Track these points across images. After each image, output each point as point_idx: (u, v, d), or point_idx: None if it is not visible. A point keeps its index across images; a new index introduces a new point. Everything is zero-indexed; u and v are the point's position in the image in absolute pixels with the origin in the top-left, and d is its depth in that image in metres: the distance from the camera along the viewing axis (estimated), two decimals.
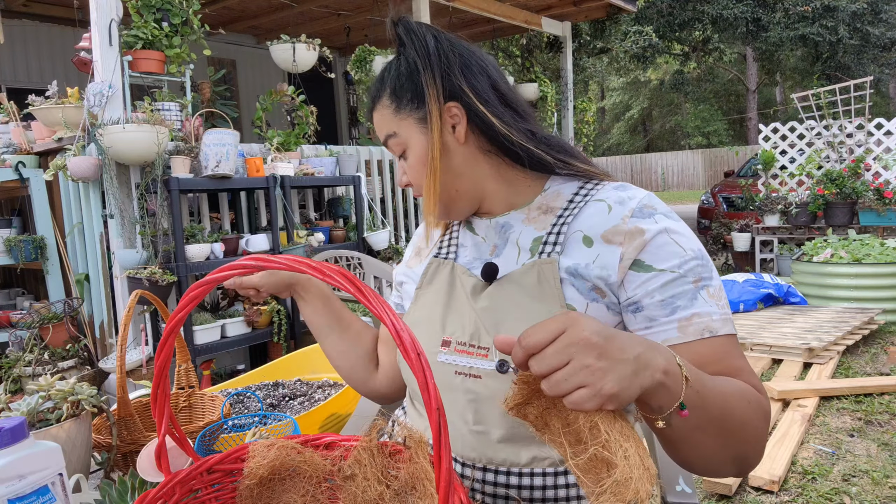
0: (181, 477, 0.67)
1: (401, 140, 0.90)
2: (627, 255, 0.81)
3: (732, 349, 0.79)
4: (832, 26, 10.97)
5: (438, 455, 0.52)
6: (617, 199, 0.85)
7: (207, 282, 0.59)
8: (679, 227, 0.82)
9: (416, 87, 0.88)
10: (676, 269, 0.79)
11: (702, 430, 0.67)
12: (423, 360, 0.53)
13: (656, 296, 0.79)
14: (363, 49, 5.02)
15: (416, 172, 0.90)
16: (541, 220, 0.89)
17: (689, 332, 0.77)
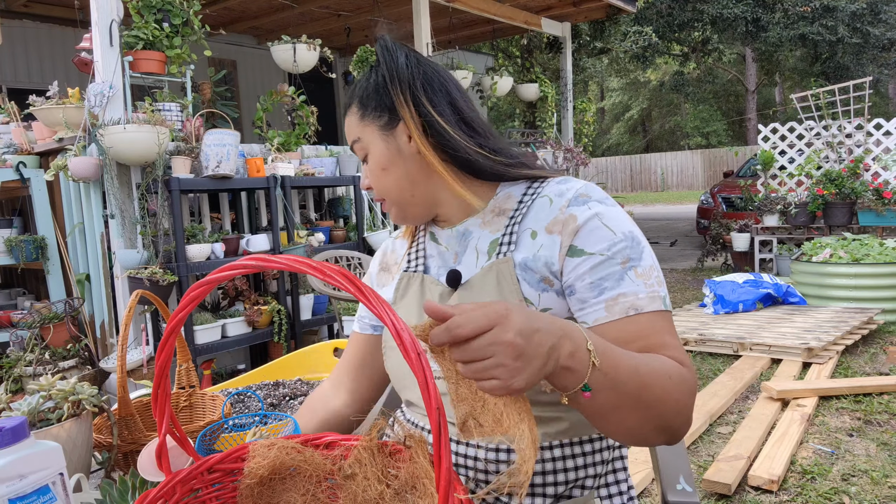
0: (182, 476, 0.67)
1: (363, 145, 0.96)
2: (564, 243, 0.86)
3: (660, 325, 0.82)
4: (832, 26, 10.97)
5: (438, 455, 0.52)
6: (557, 191, 0.91)
7: (208, 282, 0.59)
8: (611, 211, 0.87)
9: (381, 97, 0.94)
10: (605, 252, 0.84)
11: (617, 407, 0.72)
12: (424, 360, 0.54)
13: (586, 279, 0.84)
14: (365, 49, 5.03)
15: (375, 176, 0.96)
16: (495, 222, 0.94)
17: (615, 310, 0.82)
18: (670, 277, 7.01)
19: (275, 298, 3.60)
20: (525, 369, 0.62)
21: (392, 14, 6.65)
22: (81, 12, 4.03)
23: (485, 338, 0.61)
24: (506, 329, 0.61)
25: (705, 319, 4.63)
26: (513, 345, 0.61)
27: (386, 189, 0.96)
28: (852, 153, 6.03)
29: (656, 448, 1.06)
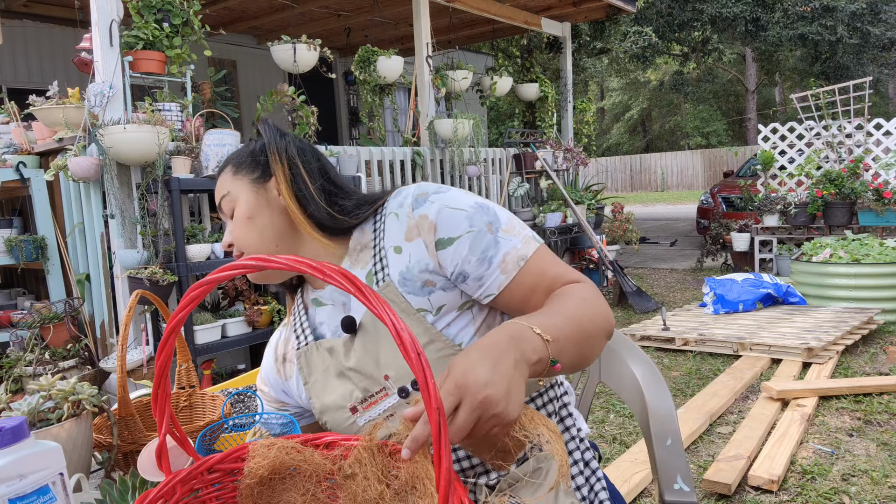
0: (182, 476, 0.67)
1: (231, 198, 0.99)
2: (428, 242, 0.90)
3: (545, 262, 0.91)
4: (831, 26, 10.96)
5: (438, 454, 0.52)
6: (396, 205, 0.95)
7: (208, 282, 0.59)
8: (450, 195, 0.93)
9: (256, 157, 1.00)
10: (470, 228, 0.89)
11: (579, 353, 0.81)
12: (424, 361, 0.54)
13: (471, 258, 0.89)
14: (366, 49, 5.03)
15: (240, 226, 0.98)
16: (363, 258, 0.97)
17: (510, 268, 0.89)
18: (670, 277, 7.02)
19: (275, 298, 3.60)
20: (508, 399, 0.66)
21: (392, 14, 6.65)
22: (81, 12, 4.03)
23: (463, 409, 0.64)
24: (473, 390, 0.65)
25: (705, 319, 4.63)
26: (489, 398, 0.64)
27: (248, 240, 0.98)
28: (852, 153, 6.03)
29: (654, 449, 1.06)
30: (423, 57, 5.23)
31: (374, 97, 5.17)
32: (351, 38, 7.29)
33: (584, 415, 1.30)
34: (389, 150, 4.76)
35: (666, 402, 1.09)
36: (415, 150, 5.01)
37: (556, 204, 6.10)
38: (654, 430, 1.07)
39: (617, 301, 5.65)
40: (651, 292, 6.11)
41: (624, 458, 2.55)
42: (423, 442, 0.63)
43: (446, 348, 0.89)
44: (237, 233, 0.98)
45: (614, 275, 5.71)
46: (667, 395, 1.10)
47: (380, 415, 0.93)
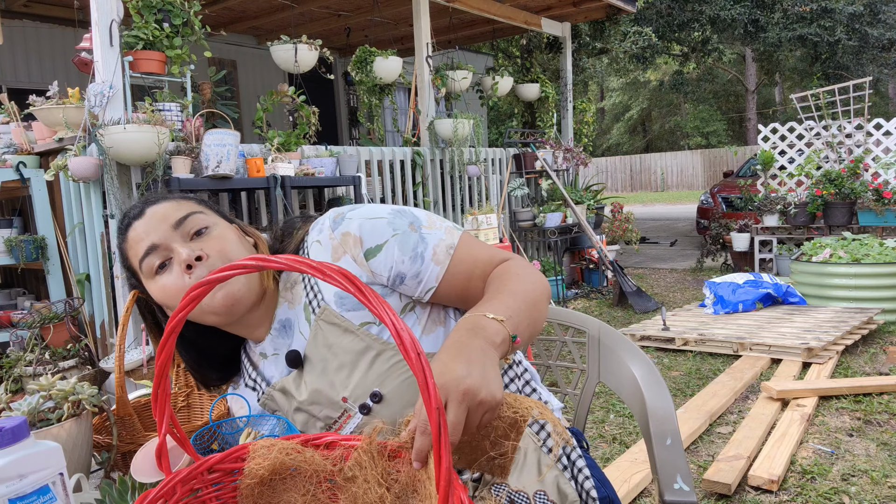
0: (182, 476, 0.67)
1: (205, 219, 0.93)
2: (356, 255, 0.91)
3: (473, 248, 0.94)
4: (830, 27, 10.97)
5: (438, 455, 0.52)
6: (317, 232, 0.95)
7: (208, 282, 0.59)
8: (365, 209, 0.95)
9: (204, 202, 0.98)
10: (394, 232, 0.92)
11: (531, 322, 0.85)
12: (424, 361, 0.54)
13: (405, 260, 0.91)
14: (364, 50, 5.03)
15: (227, 245, 0.92)
16: (296, 293, 0.96)
17: (441, 258, 0.91)
18: (670, 277, 7.02)
19: None
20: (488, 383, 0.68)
21: (392, 14, 6.65)
22: (81, 12, 4.03)
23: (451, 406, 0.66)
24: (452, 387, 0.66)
25: (705, 319, 4.63)
26: (468, 388, 0.66)
27: (239, 255, 0.93)
28: (852, 153, 6.03)
29: (654, 448, 1.06)
30: (423, 57, 5.23)
31: (373, 98, 5.17)
32: (351, 39, 7.29)
33: (583, 415, 1.30)
34: (389, 151, 4.76)
35: (665, 401, 1.09)
36: (415, 150, 5.01)
37: (556, 204, 6.10)
38: (653, 429, 1.07)
39: (617, 301, 5.65)
40: (651, 292, 6.11)
41: (624, 458, 2.55)
42: (426, 452, 0.64)
43: (397, 354, 0.90)
44: (231, 248, 0.92)
45: (614, 275, 5.72)
46: (666, 395, 1.10)
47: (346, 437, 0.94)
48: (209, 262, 0.89)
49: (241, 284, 0.90)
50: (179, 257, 0.88)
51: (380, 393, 0.90)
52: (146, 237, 0.89)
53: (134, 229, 0.91)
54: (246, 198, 3.86)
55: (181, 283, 0.88)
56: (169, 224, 0.90)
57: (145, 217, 0.91)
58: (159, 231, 0.89)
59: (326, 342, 0.92)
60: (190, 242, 0.90)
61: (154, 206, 0.92)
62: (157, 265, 0.89)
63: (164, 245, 0.89)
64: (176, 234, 0.89)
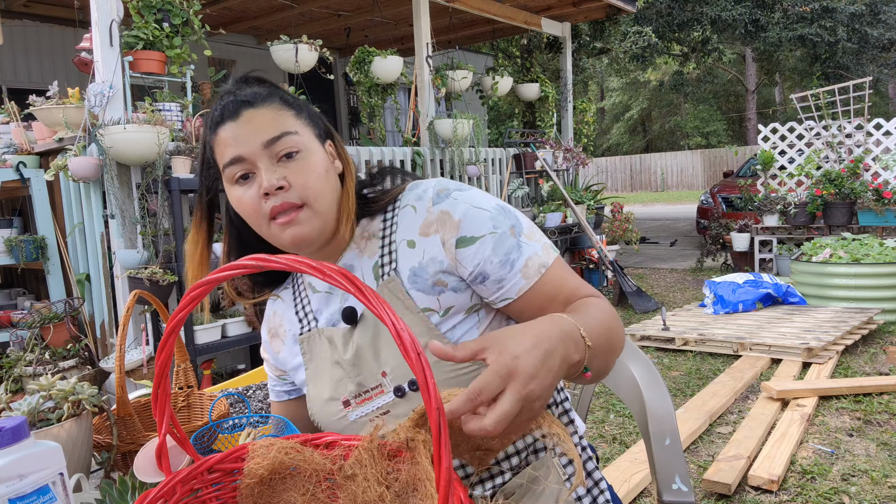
0: (182, 476, 0.67)
1: (299, 140, 0.87)
2: (447, 239, 0.87)
3: (563, 271, 0.91)
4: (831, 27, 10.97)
5: (438, 455, 0.52)
6: (415, 197, 0.91)
7: (208, 282, 0.59)
8: (472, 194, 0.90)
9: (309, 110, 0.93)
10: (493, 230, 0.87)
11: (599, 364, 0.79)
12: (423, 360, 0.54)
13: (493, 259, 0.87)
14: (362, 50, 5.03)
15: (315, 175, 0.87)
16: (370, 246, 0.93)
17: (531, 274, 0.87)
18: (670, 277, 7.02)
19: None
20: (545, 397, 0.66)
21: (392, 14, 6.65)
22: (81, 12, 4.03)
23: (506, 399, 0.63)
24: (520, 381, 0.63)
25: (705, 319, 4.63)
26: (530, 393, 0.64)
27: (321, 193, 0.88)
28: (852, 153, 6.03)
29: (652, 448, 1.06)
30: (423, 57, 5.23)
31: (373, 98, 5.17)
32: (351, 39, 7.29)
33: (583, 415, 1.30)
34: (389, 150, 4.76)
35: (664, 402, 1.09)
36: (415, 150, 5.01)
37: (556, 204, 6.10)
38: (652, 430, 1.07)
39: (617, 301, 5.65)
40: (651, 292, 6.11)
41: (624, 458, 2.55)
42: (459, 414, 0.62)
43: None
44: (312, 180, 0.87)
45: (614, 275, 5.72)
46: (665, 395, 1.10)
47: (373, 411, 0.91)
48: (289, 193, 0.85)
49: (311, 227, 0.87)
50: (261, 181, 0.85)
51: None
52: (234, 145, 0.86)
53: (225, 130, 0.87)
54: None
55: (257, 204, 0.86)
56: (260, 141, 0.85)
57: (239, 121, 0.86)
58: (249, 145, 0.85)
59: None
60: (277, 164, 0.86)
61: (251, 109, 0.87)
62: (238, 175, 0.87)
63: (250, 160, 0.86)
64: (265, 153, 0.86)
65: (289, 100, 0.91)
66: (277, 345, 1.04)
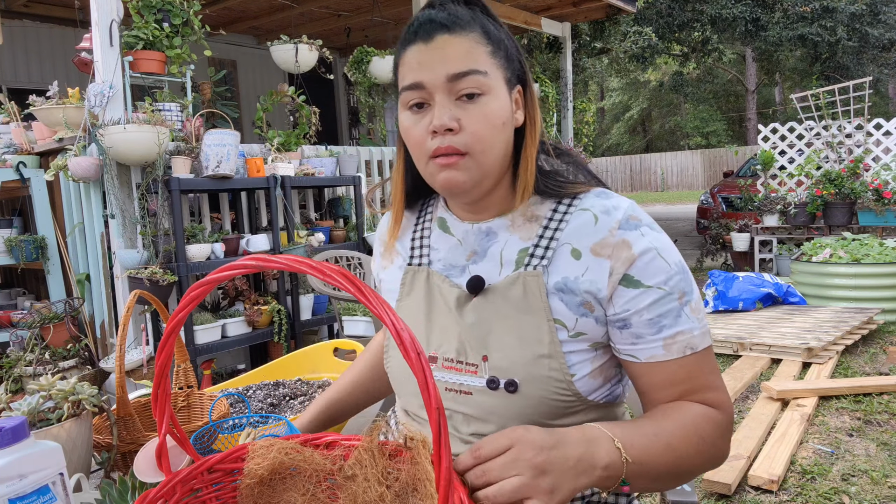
0: (182, 476, 0.67)
1: (486, 83, 0.80)
2: (616, 270, 0.80)
3: (707, 363, 0.82)
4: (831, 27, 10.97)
5: (438, 454, 0.52)
6: (602, 208, 0.84)
7: (207, 282, 0.59)
8: (663, 239, 0.83)
9: (508, 50, 0.84)
10: (663, 286, 0.80)
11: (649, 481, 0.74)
12: (424, 360, 0.53)
13: (644, 314, 0.80)
14: (361, 50, 5.02)
15: (488, 124, 0.80)
16: (525, 228, 0.87)
17: (674, 349, 0.80)
18: None
19: (275, 298, 3.60)
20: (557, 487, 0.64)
21: (392, 14, 6.65)
22: (81, 12, 4.03)
23: (505, 456, 0.64)
24: (525, 446, 0.64)
25: None
26: (533, 462, 0.64)
27: (490, 146, 0.81)
28: (852, 153, 6.03)
29: None
30: None
31: (371, 98, 5.17)
32: (351, 39, 7.28)
33: None
34: (389, 150, 4.76)
35: None
36: None
37: None
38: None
39: None
40: None
41: None
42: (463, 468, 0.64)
43: (558, 372, 0.81)
44: (484, 129, 0.80)
45: None
46: None
47: (454, 384, 0.85)
48: (456, 137, 0.79)
49: (468, 176, 0.81)
50: (433, 117, 0.80)
51: (517, 384, 0.81)
52: (417, 70, 0.80)
53: (413, 52, 0.81)
54: (246, 198, 3.86)
55: (422, 139, 0.81)
56: (445, 73, 0.79)
57: (430, 45, 0.80)
58: (433, 74, 0.79)
59: (516, 304, 0.83)
60: (456, 103, 0.80)
61: (446, 34, 0.80)
62: (413, 102, 0.82)
63: (429, 90, 0.80)
64: (445, 87, 0.79)
65: (490, 31, 0.83)
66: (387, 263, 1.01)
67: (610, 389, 0.87)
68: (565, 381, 0.81)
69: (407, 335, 0.54)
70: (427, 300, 0.91)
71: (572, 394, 0.81)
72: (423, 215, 0.99)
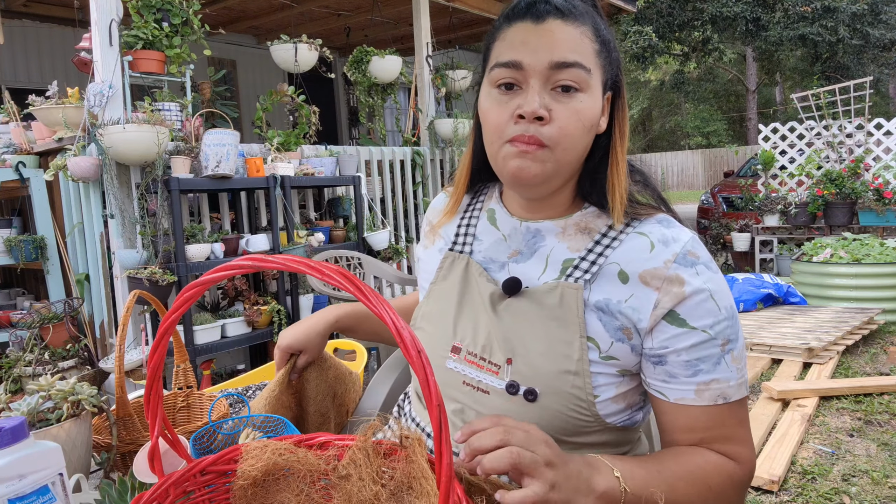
0: (174, 479, 0.67)
1: (586, 79, 0.76)
2: (663, 304, 0.77)
3: (736, 415, 0.80)
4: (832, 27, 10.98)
5: (439, 450, 0.52)
6: (660, 237, 0.80)
7: (202, 282, 0.59)
8: (718, 280, 0.78)
9: (612, 52, 0.81)
10: (708, 330, 0.76)
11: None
12: (424, 358, 0.53)
13: (683, 355, 0.77)
14: (360, 50, 5.02)
15: (578, 124, 0.77)
16: (576, 239, 0.84)
17: (706, 396, 0.77)
18: None
19: (274, 298, 3.59)
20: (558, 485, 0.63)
21: (392, 14, 6.65)
22: (81, 12, 4.03)
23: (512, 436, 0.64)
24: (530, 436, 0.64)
25: None
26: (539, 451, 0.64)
27: (573, 145, 0.77)
28: (853, 153, 6.03)
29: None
30: (423, 57, 5.23)
31: (371, 97, 5.16)
32: (351, 38, 7.28)
33: None
34: (389, 150, 4.76)
35: None
36: (415, 150, 5.01)
37: None
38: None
39: None
40: None
41: None
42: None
43: (581, 391, 0.78)
44: (568, 124, 0.76)
45: None
46: None
47: (472, 379, 0.84)
48: (543, 128, 0.75)
49: (542, 169, 0.77)
50: (524, 101, 0.76)
51: (537, 394, 0.78)
52: (521, 49, 0.76)
53: (519, 28, 0.77)
54: (245, 197, 3.86)
55: (504, 121, 0.77)
56: (550, 59, 0.75)
57: (540, 27, 0.76)
58: (536, 56, 0.75)
59: (551, 312, 0.80)
60: (550, 92, 0.76)
61: (559, 19, 0.76)
62: (503, 81, 0.77)
63: (526, 72, 0.76)
64: (545, 74, 0.75)
65: (600, 29, 0.79)
66: (429, 242, 0.99)
67: (630, 415, 0.85)
68: (587, 402, 0.79)
69: (407, 334, 0.53)
70: (461, 288, 0.89)
71: (591, 415, 0.79)
72: (475, 203, 0.96)
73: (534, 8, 0.77)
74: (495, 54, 0.79)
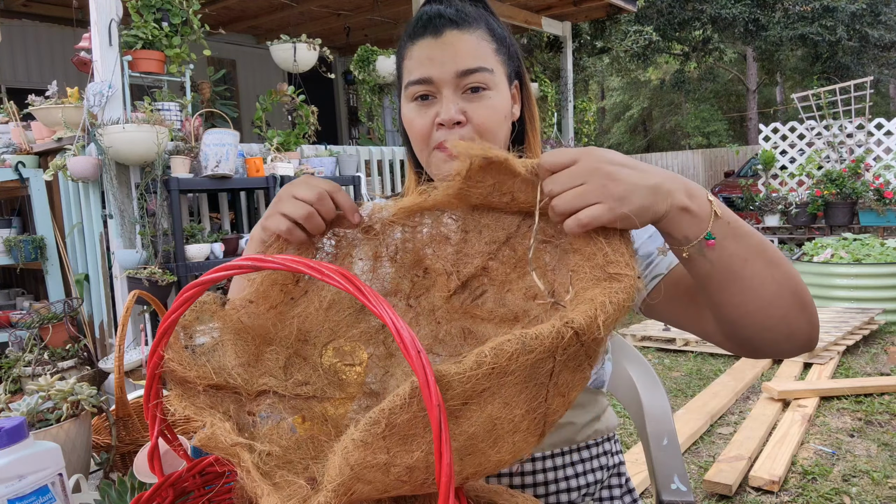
0: (173, 479, 0.67)
1: (490, 78, 0.82)
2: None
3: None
4: (831, 26, 10.98)
5: (439, 451, 0.52)
6: None
7: (202, 282, 0.59)
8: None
9: (510, 47, 0.87)
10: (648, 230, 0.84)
11: (746, 259, 0.62)
12: (424, 358, 0.53)
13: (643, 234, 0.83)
14: (365, 49, 5.02)
15: (493, 117, 0.83)
16: None
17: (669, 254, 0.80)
18: None
19: None
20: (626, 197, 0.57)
21: (392, 14, 6.65)
22: (80, 12, 4.02)
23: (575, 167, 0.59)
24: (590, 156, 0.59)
25: None
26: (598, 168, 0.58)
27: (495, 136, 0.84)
28: (853, 153, 6.03)
29: (650, 449, 1.06)
30: None
31: (374, 97, 5.16)
32: (351, 38, 7.28)
33: None
34: (389, 150, 4.76)
35: (661, 402, 1.09)
36: None
37: None
38: (650, 430, 1.07)
39: None
40: None
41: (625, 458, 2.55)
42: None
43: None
44: (487, 119, 0.82)
45: None
46: (662, 395, 1.10)
47: None
48: (464, 129, 0.82)
49: None
50: (439, 110, 0.82)
51: None
52: (428, 65, 0.82)
53: (421, 48, 0.83)
54: (245, 197, 3.86)
55: (427, 130, 0.83)
56: (455, 69, 0.81)
57: (440, 41, 0.82)
58: (442, 70, 0.81)
59: None
60: (462, 96, 0.82)
61: (455, 30, 0.82)
62: (419, 95, 0.84)
63: (438, 84, 0.82)
64: (453, 82, 0.82)
65: (494, 29, 0.86)
66: None
67: (596, 373, 0.88)
68: None
69: (406, 334, 0.53)
70: None
71: None
72: None
73: (431, 24, 0.83)
74: (406, 72, 0.86)
